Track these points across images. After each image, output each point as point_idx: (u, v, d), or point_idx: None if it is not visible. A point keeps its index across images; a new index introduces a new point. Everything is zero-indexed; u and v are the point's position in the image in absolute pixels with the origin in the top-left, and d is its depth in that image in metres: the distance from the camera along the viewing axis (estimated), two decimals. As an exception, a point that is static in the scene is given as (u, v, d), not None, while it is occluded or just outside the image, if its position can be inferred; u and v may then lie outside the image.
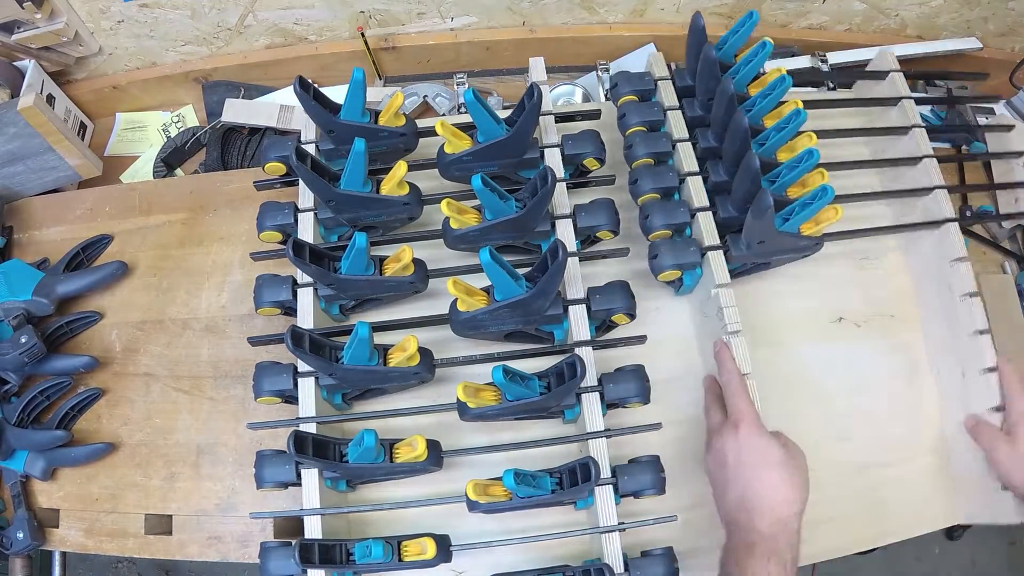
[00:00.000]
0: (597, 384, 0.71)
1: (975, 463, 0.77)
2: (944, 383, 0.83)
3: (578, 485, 0.65)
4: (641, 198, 0.80)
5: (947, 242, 0.82)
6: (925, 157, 0.85)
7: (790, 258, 0.81)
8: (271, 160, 0.81)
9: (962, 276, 0.80)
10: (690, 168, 0.80)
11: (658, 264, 0.76)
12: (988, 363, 0.77)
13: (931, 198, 0.84)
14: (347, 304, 0.80)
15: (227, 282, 0.90)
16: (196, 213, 0.95)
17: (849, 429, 0.82)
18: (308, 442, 0.65)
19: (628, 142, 0.82)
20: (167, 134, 1.11)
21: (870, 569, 1.68)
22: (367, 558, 0.63)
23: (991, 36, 1.12)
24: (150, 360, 0.88)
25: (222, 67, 1.08)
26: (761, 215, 0.69)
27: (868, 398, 0.83)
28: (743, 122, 0.72)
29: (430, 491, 0.76)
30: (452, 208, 0.73)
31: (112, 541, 0.81)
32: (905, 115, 0.89)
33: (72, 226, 0.96)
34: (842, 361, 0.85)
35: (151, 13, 0.99)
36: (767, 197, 0.68)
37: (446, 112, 1.05)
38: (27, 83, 0.97)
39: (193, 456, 0.83)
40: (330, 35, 1.07)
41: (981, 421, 0.78)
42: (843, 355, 0.85)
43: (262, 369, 0.73)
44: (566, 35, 1.08)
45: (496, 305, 0.69)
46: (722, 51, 0.78)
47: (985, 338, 0.78)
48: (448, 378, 0.79)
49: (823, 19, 1.10)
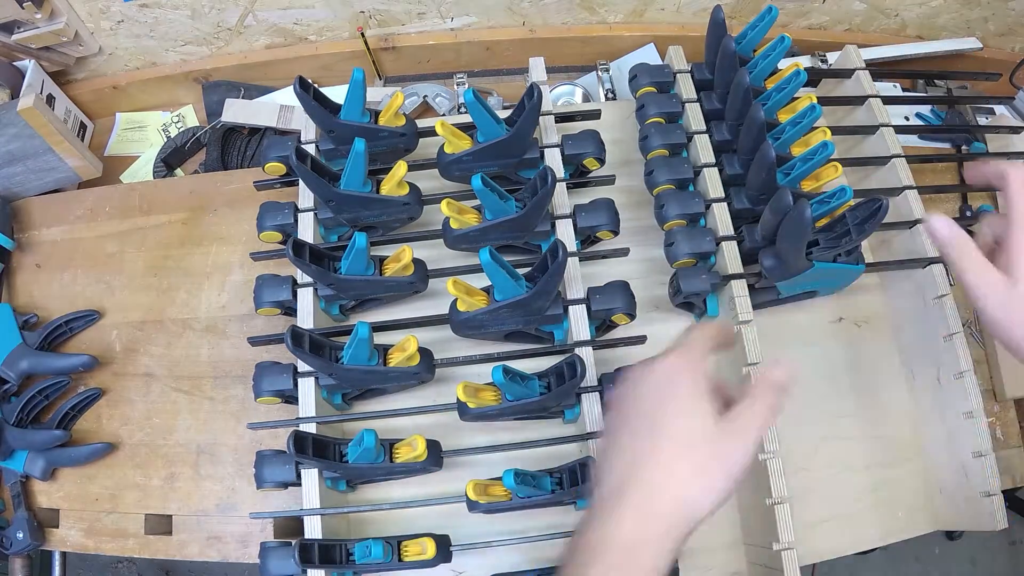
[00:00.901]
0: (597, 384, 0.71)
1: (952, 468, 0.76)
2: (919, 386, 0.83)
3: (578, 485, 0.65)
4: (656, 188, 0.80)
5: (920, 244, 0.81)
6: (894, 157, 0.84)
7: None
8: (271, 160, 0.81)
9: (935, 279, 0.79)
10: (707, 160, 0.80)
11: (674, 252, 0.77)
12: (963, 367, 0.75)
13: (901, 198, 0.83)
14: (347, 304, 0.80)
15: (227, 282, 0.90)
16: (196, 213, 0.95)
17: (849, 429, 0.82)
18: (308, 442, 0.65)
19: (643, 133, 0.83)
20: (167, 134, 1.11)
21: (870, 569, 1.68)
22: (367, 558, 0.63)
23: (991, 36, 1.12)
24: (150, 360, 0.88)
25: (222, 67, 1.08)
26: (787, 218, 0.69)
27: (868, 398, 0.83)
28: (759, 114, 0.73)
29: (430, 491, 0.76)
30: (452, 208, 0.73)
31: (112, 541, 0.81)
32: (872, 114, 0.88)
33: (72, 226, 0.96)
34: (842, 361, 0.84)
35: (151, 13, 0.99)
36: (787, 196, 0.68)
37: (446, 112, 1.05)
38: (27, 83, 0.97)
39: (193, 456, 0.83)
40: (330, 35, 1.07)
41: (960, 242, 0.58)
42: (843, 355, 0.85)
43: (262, 369, 0.73)
44: (566, 35, 1.08)
45: (496, 305, 0.69)
46: (741, 46, 0.79)
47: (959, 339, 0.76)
48: (448, 378, 0.79)
49: (823, 19, 1.10)
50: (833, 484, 0.79)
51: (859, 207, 0.68)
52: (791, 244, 0.69)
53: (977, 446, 0.73)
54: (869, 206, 0.67)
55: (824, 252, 0.71)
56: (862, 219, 0.68)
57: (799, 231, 0.67)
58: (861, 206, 0.68)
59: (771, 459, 0.69)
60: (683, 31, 1.09)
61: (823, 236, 0.72)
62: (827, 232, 0.71)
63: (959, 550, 1.73)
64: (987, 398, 0.87)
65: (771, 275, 0.75)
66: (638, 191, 0.86)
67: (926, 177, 0.99)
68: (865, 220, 0.68)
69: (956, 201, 0.99)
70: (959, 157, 1.00)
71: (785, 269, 0.73)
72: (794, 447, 0.79)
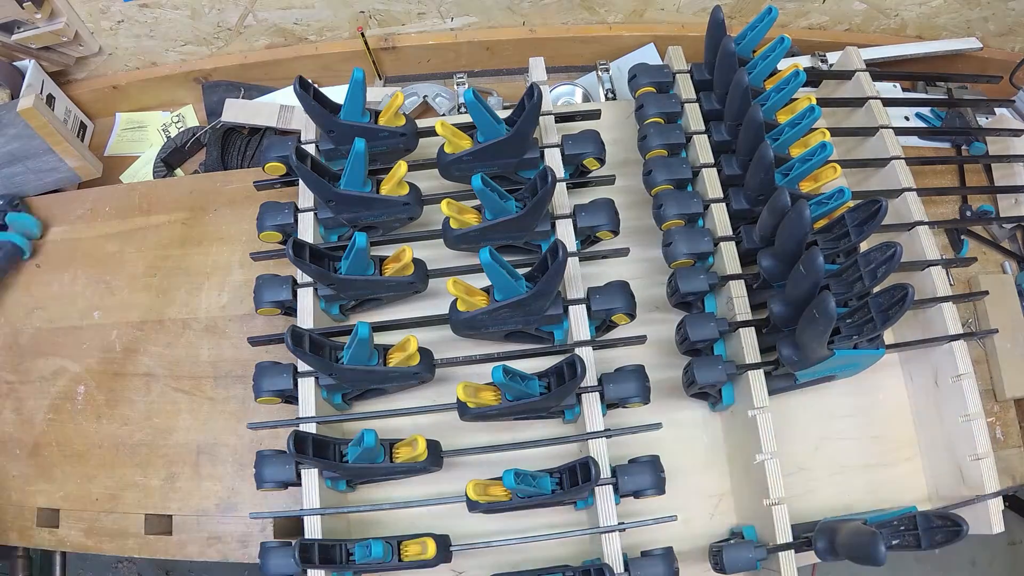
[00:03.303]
0: (597, 384, 0.71)
1: (951, 470, 0.76)
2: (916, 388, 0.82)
3: (578, 485, 0.65)
4: (654, 188, 0.80)
5: (917, 244, 0.81)
6: (894, 158, 0.84)
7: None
8: (271, 160, 0.81)
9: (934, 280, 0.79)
10: (706, 160, 0.80)
11: (672, 252, 0.77)
12: (961, 370, 0.75)
13: (900, 200, 0.83)
14: (347, 304, 0.80)
15: (227, 282, 0.90)
16: (196, 213, 0.95)
17: (849, 429, 0.82)
18: (308, 442, 0.65)
19: (642, 133, 0.83)
20: (167, 134, 1.11)
21: (870, 569, 1.68)
22: (367, 558, 0.63)
23: (991, 36, 1.12)
24: (150, 360, 0.88)
25: (222, 67, 1.08)
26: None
27: (868, 398, 0.83)
28: (758, 115, 0.73)
29: (430, 491, 0.76)
30: (452, 208, 0.73)
31: (112, 541, 0.81)
32: (872, 115, 0.88)
33: (72, 226, 0.96)
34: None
35: (151, 13, 0.99)
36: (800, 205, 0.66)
37: (446, 112, 1.05)
38: (27, 83, 0.97)
39: (193, 456, 0.83)
40: (330, 35, 1.07)
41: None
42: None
43: (262, 369, 0.73)
44: (566, 35, 1.08)
45: (496, 305, 0.69)
46: (740, 46, 0.79)
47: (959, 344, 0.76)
48: (448, 378, 0.79)
49: (823, 19, 1.10)
50: (833, 484, 0.78)
51: (858, 208, 0.68)
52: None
53: (975, 449, 0.73)
54: (868, 207, 0.67)
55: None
56: (861, 220, 0.68)
57: (798, 232, 0.67)
58: (860, 207, 0.68)
59: (769, 460, 0.69)
60: (683, 31, 1.09)
61: (822, 238, 0.71)
62: (826, 234, 0.71)
63: (959, 550, 1.73)
64: (987, 398, 0.87)
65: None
66: (638, 191, 0.86)
67: (926, 178, 0.99)
68: (864, 221, 0.67)
69: (956, 201, 0.99)
70: (960, 159, 1.00)
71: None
72: (794, 447, 0.79)
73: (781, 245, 0.70)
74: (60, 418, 0.87)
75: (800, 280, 0.65)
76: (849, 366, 0.73)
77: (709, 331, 0.73)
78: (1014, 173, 0.98)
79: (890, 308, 0.63)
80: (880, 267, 0.64)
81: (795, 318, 0.67)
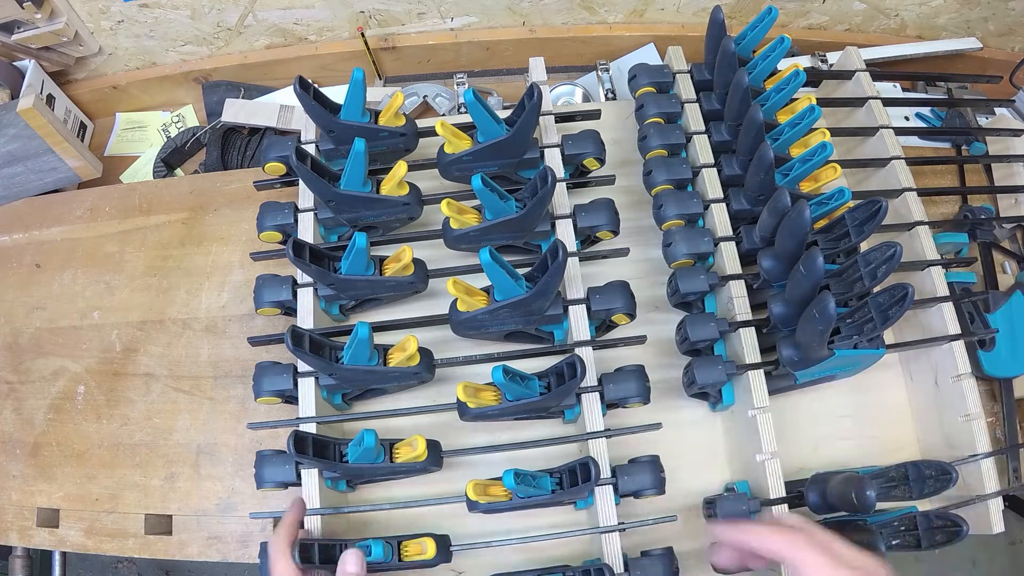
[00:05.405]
0: (597, 384, 0.71)
1: None
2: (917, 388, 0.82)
3: (578, 485, 0.66)
4: (654, 189, 0.80)
5: (917, 244, 0.81)
6: (894, 159, 0.84)
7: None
8: (271, 160, 0.81)
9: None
10: (706, 160, 0.80)
11: (672, 252, 0.77)
12: (961, 370, 0.75)
13: (901, 200, 0.83)
14: (347, 304, 0.80)
15: (227, 282, 0.90)
16: (196, 213, 0.95)
17: (849, 429, 0.82)
18: (308, 442, 0.65)
19: (642, 133, 0.83)
20: (167, 134, 1.11)
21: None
22: (367, 558, 0.63)
23: (991, 36, 1.12)
24: (150, 360, 0.88)
25: (222, 67, 1.08)
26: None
27: (868, 398, 0.83)
28: (758, 115, 0.73)
29: (430, 491, 0.76)
30: (452, 208, 0.73)
31: (112, 541, 0.81)
32: (872, 115, 0.88)
33: (72, 226, 0.96)
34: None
35: (151, 13, 0.99)
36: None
37: (446, 112, 1.05)
38: (27, 83, 0.97)
39: (193, 456, 0.83)
40: (330, 35, 1.07)
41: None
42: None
43: (262, 369, 0.73)
44: (566, 35, 1.08)
45: (496, 305, 0.69)
46: (740, 46, 0.79)
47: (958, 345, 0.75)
48: (448, 378, 0.79)
49: (823, 19, 1.10)
50: (833, 484, 0.78)
51: (858, 208, 0.68)
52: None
53: (975, 449, 0.73)
54: (868, 207, 0.67)
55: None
56: (861, 220, 0.68)
57: (798, 232, 0.67)
58: (860, 207, 0.68)
59: (769, 460, 0.69)
60: (683, 31, 1.09)
61: (822, 238, 0.71)
62: (826, 234, 0.71)
63: (959, 550, 1.73)
64: (987, 398, 0.87)
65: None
66: (638, 191, 0.86)
67: (926, 179, 0.99)
68: (864, 222, 0.67)
69: (956, 201, 0.99)
70: (960, 159, 1.00)
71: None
72: (794, 447, 0.79)
73: (781, 245, 0.70)
74: (60, 418, 0.87)
75: (800, 280, 0.65)
76: (849, 366, 0.73)
77: (709, 331, 0.73)
78: (1014, 173, 0.98)
79: (890, 308, 0.63)
80: (880, 267, 0.64)
81: (795, 318, 0.67)
